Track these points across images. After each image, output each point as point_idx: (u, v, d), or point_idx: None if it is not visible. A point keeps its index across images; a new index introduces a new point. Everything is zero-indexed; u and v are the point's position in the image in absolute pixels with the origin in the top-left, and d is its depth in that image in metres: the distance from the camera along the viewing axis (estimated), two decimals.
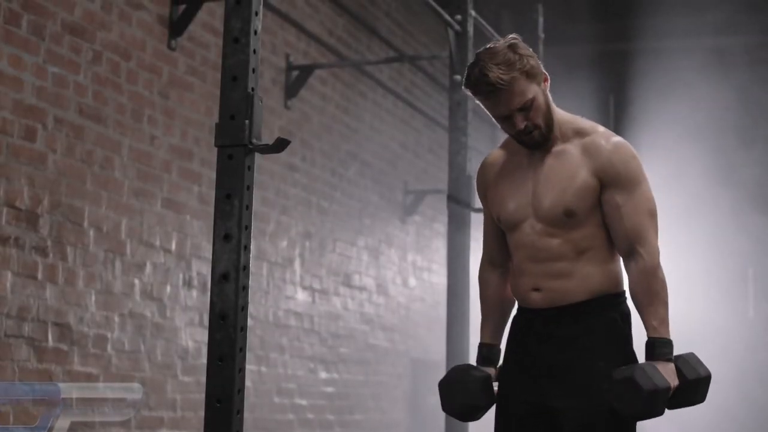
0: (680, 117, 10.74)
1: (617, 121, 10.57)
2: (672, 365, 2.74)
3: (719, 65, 11.00)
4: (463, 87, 2.89)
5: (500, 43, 2.84)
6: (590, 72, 10.35)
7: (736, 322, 11.29)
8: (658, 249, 2.82)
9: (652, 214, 2.83)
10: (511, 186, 2.93)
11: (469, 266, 5.38)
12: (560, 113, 2.92)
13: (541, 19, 7.64)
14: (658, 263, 2.80)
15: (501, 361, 3.02)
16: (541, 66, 2.87)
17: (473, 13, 5.73)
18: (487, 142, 10.44)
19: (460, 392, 2.97)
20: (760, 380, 11.01)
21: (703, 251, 10.90)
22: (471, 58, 5.53)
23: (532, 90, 2.81)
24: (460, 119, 5.52)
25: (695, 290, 10.65)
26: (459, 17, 5.61)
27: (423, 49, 8.94)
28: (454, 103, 5.56)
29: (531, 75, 2.81)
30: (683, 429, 9.65)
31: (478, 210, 5.45)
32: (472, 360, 3.21)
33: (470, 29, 5.65)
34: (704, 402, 2.86)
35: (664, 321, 2.76)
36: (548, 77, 2.88)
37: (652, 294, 2.77)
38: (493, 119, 2.89)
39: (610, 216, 2.82)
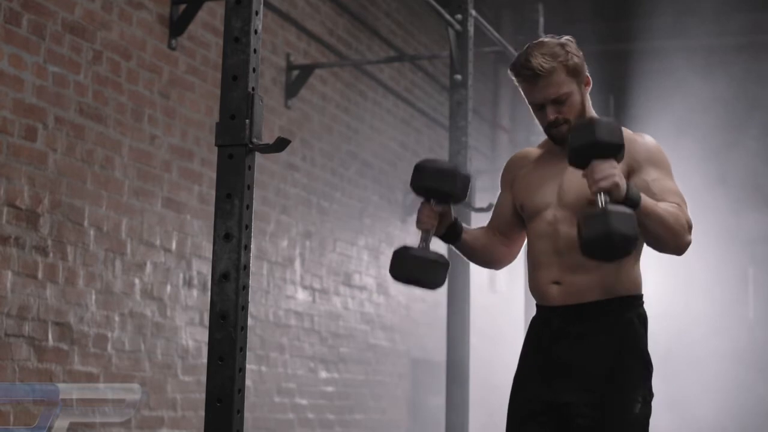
0: (680, 117, 10.75)
1: (617, 122, 10.55)
2: (627, 187, 2.64)
3: (719, 65, 11.01)
4: (508, 71, 2.96)
5: (554, 38, 2.93)
6: (590, 72, 10.34)
7: (736, 322, 11.30)
8: (690, 219, 2.76)
9: (683, 199, 2.81)
10: (540, 177, 2.97)
11: (469, 266, 5.38)
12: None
13: (541, 19, 7.65)
14: (689, 221, 2.74)
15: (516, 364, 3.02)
16: (586, 69, 2.94)
17: (474, 12, 5.73)
18: (487, 142, 10.45)
19: (444, 163, 2.96)
20: (760, 380, 11.02)
21: (703, 252, 10.90)
22: (471, 58, 5.57)
23: (570, 86, 2.88)
24: (461, 119, 5.52)
25: (695, 291, 10.65)
26: (459, 17, 5.61)
27: (423, 48, 8.95)
28: (454, 103, 5.56)
29: (572, 72, 2.88)
30: (685, 429, 9.65)
31: (478, 210, 5.46)
32: (473, 363, 3.20)
33: (471, 29, 5.65)
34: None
35: (653, 206, 2.67)
36: (590, 82, 2.96)
37: (663, 205, 2.70)
38: (530, 108, 2.95)
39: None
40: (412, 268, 2.88)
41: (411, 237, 8.56)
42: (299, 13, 6.89)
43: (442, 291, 7.01)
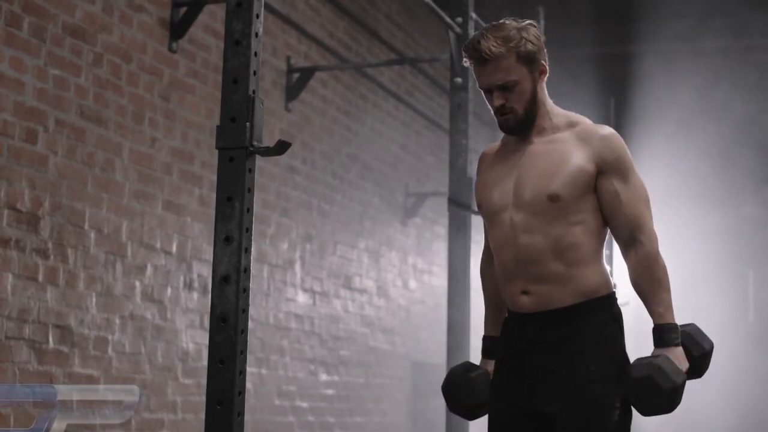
0: (681, 119, 10.74)
1: (618, 124, 10.57)
2: (681, 350, 2.73)
3: (720, 68, 11.01)
4: (462, 50, 2.92)
5: (515, 21, 2.85)
6: (591, 74, 10.36)
7: (736, 325, 11.29)
8: (656, 236, 2.80)
9: (647, 202, 2.83)
10: (498, 174, 2.91)
11: (469, 269, 5.38)
12: (554, 107, 2.91)
13: (542, 22, 7.64)
14: (658, 249, 2.79)
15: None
16: (544, 57, 2.85)
17: (474, 15, 5.73)
18: (488, 144, 10.44)
19: (466, 393, 2.98)
20: (760, 383, 11.01)
21: (703, 254, 10.90)
22: None
23: (520, 73, 2.80)
24: (461, 122, 5.52)
25: (695, 293, 10.64)
26: (460, 19, 5.61)
27: (424, 51, 8.95)
28: (454, 106, 5.56)
29: (524, 59, 2.80)
30: (684, 431, 9.64)
31: (478, 212, 5.45)
32: (474, 361, 3.20)
33: (471, 31, 5.65)
34: (702, 379, 2.88)
35: (669, 306, 2.75)
36: (547, 70, 2.86)
37: (655, 281, 2.75)
38: (481, 91, 2.90)
39: (609, 204, 2.79)
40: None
41: (411, 240, 8.56)
42: (300, 16, 6.89)
43: (442, 293, 7.03)
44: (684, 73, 10.91)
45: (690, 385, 2.75)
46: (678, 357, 2.72)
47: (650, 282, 2.76)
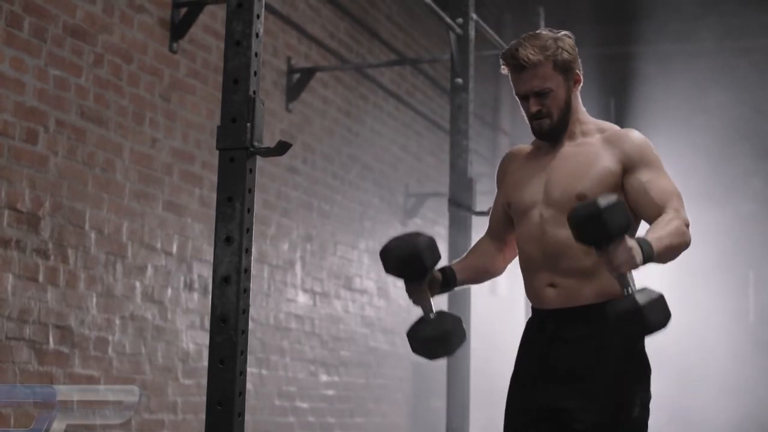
0: (682, 120, 10.75)
1: (618, 124, 10.56)
2: (639, 252, 2.58)
3: (720, 68, 11.02)
4: (499, 58, 2.96)
5: (551, 32, 2.93)
6: (591, 75, 10.35)
7: (736, 325, 11.29)
8: (688, 221, 2.75)
9: (679, 196, 2.81)
10: (528, 173, 2.97)
11: None
12: (585, 115, 2.98)
13: (542, 22, 7.64)
14: (687, 222, 2.73)
15: (513, 364, 3.02)
16: (579, 67, 2.93)
17: (475, 16, 5.73)
18: (488, 145, 10.45)
19: (404, 244, 2.98)
20: (761, 383, 11.01)
21: (703, 254, 10.90)
22: (472, 62, 5.58)
23: (555, 81, 2.87)
24: (462, 122, 5.52)
25: (695, 293, 10.64)
26: (460, 20, 5.61)
27: (424, 52, 8.95)
28: (455, 107, 5.56)
29: (560, 67, 2.87)
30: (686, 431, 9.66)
31: (479, 213, 5.45)
32: (474, 366, 3.20)
33: (472, 32, 5.64)
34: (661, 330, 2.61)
35: (662, 242, 2.63)
36: (581, 79, 2.94)
37: (666, 224, 2.68)
38: (517, 98, 2.95)
39: (636, 195, 2.80)
40: (430, 351, 3.12)
41: None
42: (300, 17, 6.89)
43: (443, 295, 7.02)
44: (683, 73, 10.92)
45: (691, 384, 2.73)
46: (633, 245, 2.56)
47: (661, 225, 2.68)
